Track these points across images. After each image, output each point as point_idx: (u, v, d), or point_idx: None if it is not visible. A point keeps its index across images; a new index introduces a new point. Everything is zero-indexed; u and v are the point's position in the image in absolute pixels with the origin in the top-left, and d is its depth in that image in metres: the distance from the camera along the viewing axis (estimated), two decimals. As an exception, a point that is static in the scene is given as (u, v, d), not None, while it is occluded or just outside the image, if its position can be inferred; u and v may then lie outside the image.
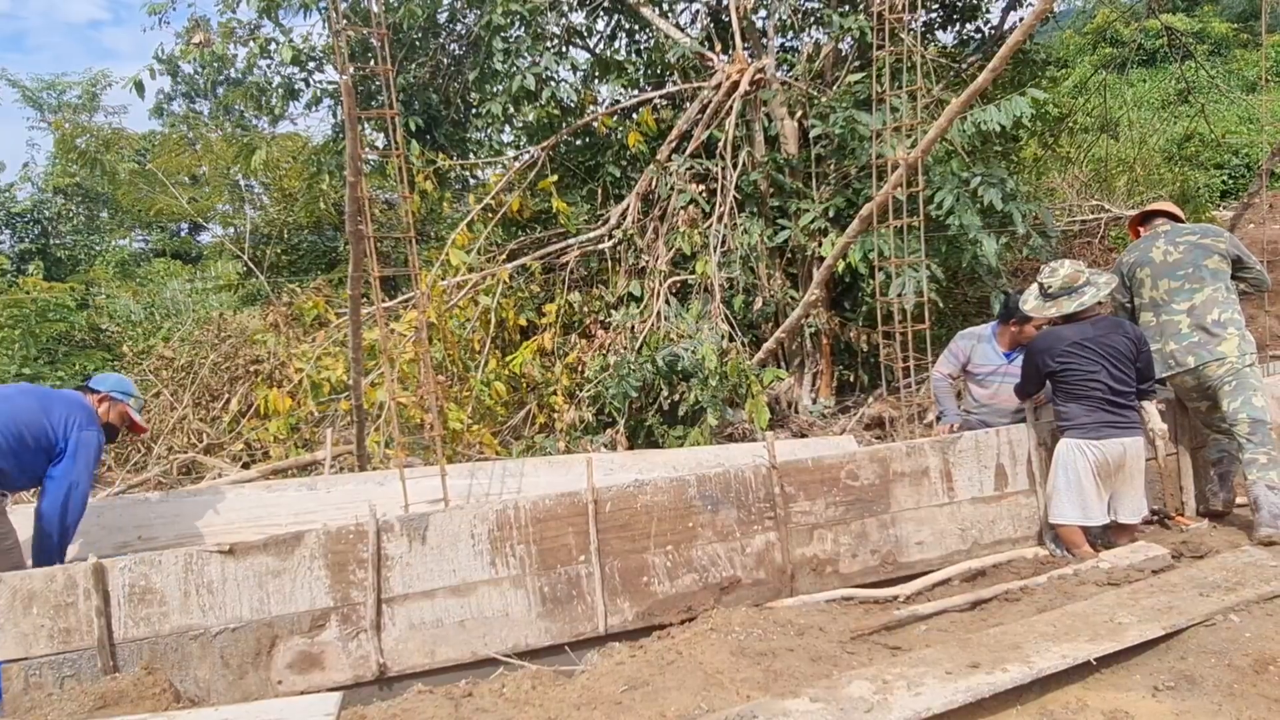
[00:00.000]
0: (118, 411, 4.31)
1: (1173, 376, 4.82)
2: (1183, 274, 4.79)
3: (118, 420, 4.33)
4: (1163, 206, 5.23)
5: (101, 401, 4.26)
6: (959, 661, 3.01)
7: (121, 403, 4.32)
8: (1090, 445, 4.38)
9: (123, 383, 4.40)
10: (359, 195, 4.26)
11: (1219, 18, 19.85)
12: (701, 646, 3.49)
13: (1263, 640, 3.11)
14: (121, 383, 4.39)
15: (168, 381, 8.97)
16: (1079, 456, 4.41)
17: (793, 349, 8.26)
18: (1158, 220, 5.13)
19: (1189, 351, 4.71)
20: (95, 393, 4.27)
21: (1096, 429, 4.38)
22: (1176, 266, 4.81)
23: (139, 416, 4.45)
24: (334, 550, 3.75)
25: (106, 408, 4.26)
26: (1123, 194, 13.78)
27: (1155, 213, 5.19)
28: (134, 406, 4.39)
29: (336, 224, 14.22)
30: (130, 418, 4.38)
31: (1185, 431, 5.15)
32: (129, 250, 20.16)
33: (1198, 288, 4.74)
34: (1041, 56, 10.82)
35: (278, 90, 9.23)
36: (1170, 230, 4.97)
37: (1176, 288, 4.79)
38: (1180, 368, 4.75)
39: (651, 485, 4.15)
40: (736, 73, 7.76)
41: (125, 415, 4.36)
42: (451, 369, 7.18)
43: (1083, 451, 4.40)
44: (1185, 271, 4.78)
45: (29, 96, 19.92)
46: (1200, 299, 4.72)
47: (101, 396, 4.27)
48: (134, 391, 4.41)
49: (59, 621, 3.43)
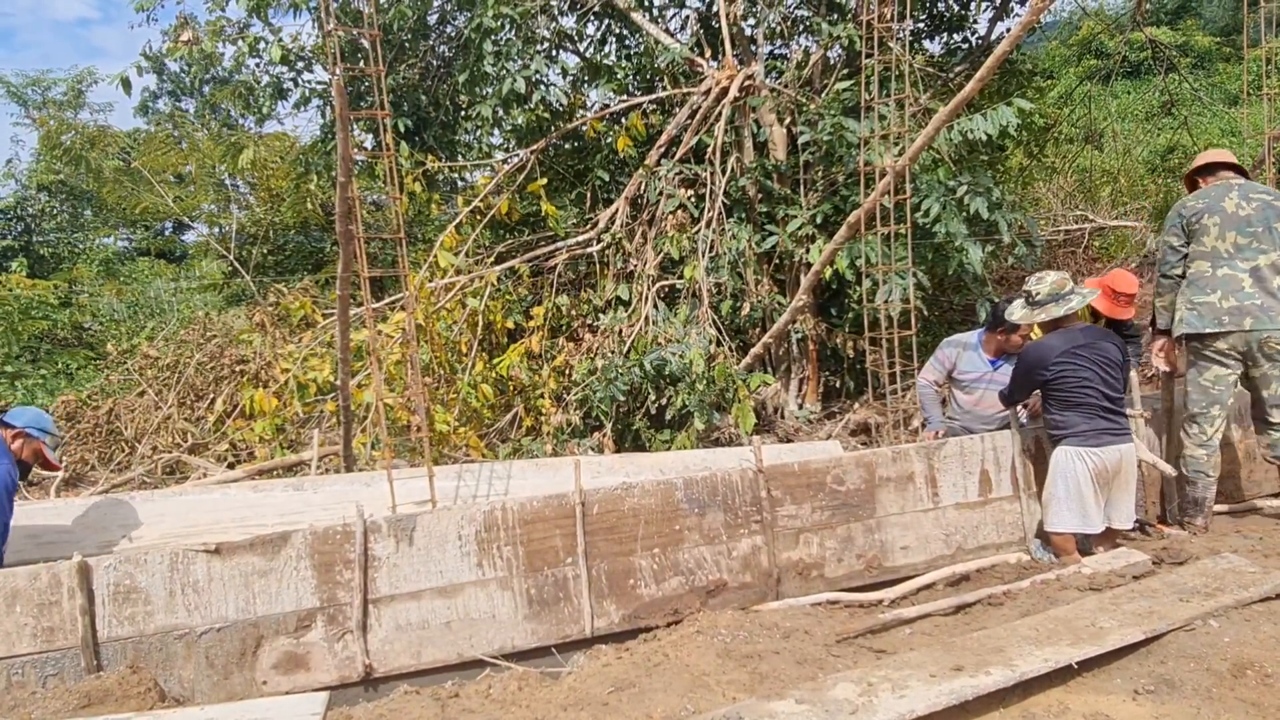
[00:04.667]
0: (31, 449, 4.13)
1: (1215, 334, 4.64)
2: (1252, 231, 4.59)
3: (30, 457, 4.14)
4: (1226, 157, 4.96)
5: (16, 437, 4.08)
6: (943, 664, 3.03)
7: (37, 440, 4.13)
8: (1090, 453, 4.39)
9: (40, 419, 4.21)
10: (349, 196, 4.26)
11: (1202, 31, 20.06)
12: (688, 649, 3.51)
13: (1241, 645, 3.16)
14: (39, 419, 4.21)
15: (152, 381, 8.92)
16: (1078, 464, 4.41)
17: (780, 354, 8.30)
18: (1224, 172, 4.86)
19: (1247, 313, 4.53)
20: (10, 427, 4.09)
21: (1096, 436, 4.39)
22: (1247, 222, 4.61)
23: (53, 455, 4.26)
24: (320, 551, 3.74)
25: (20, 444, 4.09)
26: (1107, 204, 13.90)
27: (1220, 164, 4.91)
28: (49, 445, 4.20)
29: (323, 224, 14.19)
30: (44, 456, 4.19)
31: (1169, 438, 5.21)
32: (113, 248, 19.98)
33: (1266, 249, 4.57)
34: (1028, 67, 10.94)
35: (266, 89, 9.18)
36: (1243, 185, 4.74)
37: (1245, 244, 4.59)
38: (1233, 327, 4.57)
39: (639, 488, 4.16)
40: (726, 79, 7.80)
41: (39, 454, 4.17)
42: (439, 371, 7.17)
43: (1082, 459, 4.40)
44: (1256, 229, 4.59)
45: (13, 92, 19.73)
46: (1266, 261, 4.56)
47: (16, 432, 4.09)
48: (52, 430, 4.23)
49: (42, 620, 3.41)
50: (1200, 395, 4.80)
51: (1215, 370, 4.74)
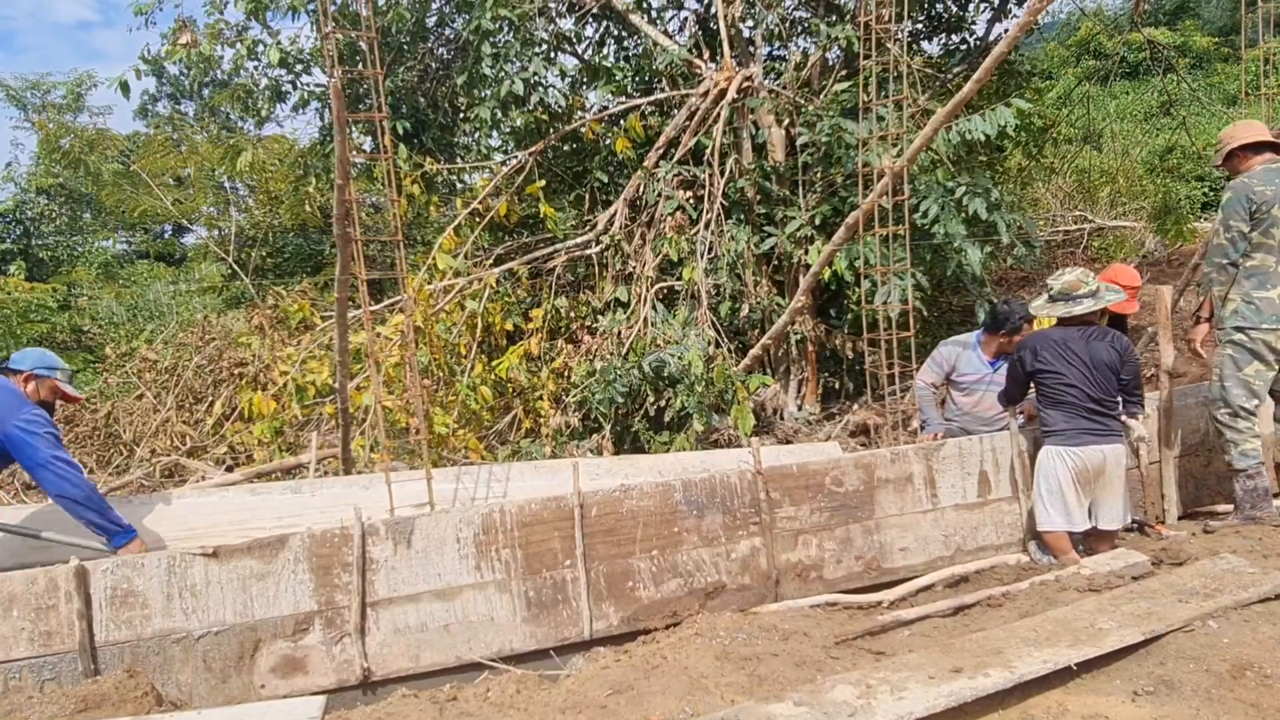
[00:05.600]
0: (47, 387, 4.05)
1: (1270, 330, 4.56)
2: None
3: (49, 395, 4.07)
4: (1270, 135, 4.77)
5: (27, 380, 3.99)
6: (942, 666, 3.03)
7: (49, 378, 4.05)
8: (1069, 452, 4.41)
9: (44, 357, 4.11)
10: (347, 199, 4.26)
11: (1200, 32, 20.10)
12: (686, 651, 3.50)
13: (1240, 646, 3.15)
14: (43, 357, 4.11)
15: (151, 384, 8.91)
16: (1058, 464, 4.44)
17: (779, 356, 8.30)
18: (1268, 153, 4.69)
19: None
20: (18, 373, 3.99)
21: (1076, 436, 4.41)
22: None
23: (70, 387, 4.18)
24: (318, 554, 3.73)
25: (34, 386, 3.99)
26: (1105, 205, 13.92)
27: (1266, 144, 4.73)
28: (62, 379, 4.11)
29: (322, 227, 14.19)
30: (61, 390, 4.12)
31: (1170, 439, 5.20)
32: (112, 251, 20.01)
33: None
34: (1026, 68, 10.94)
35: (264, 92, 9.19)
36: None
37: None
38: None
39: (637, 490, 4.15)
40: (724, 80, 7.80)
41: (56, 389, 4.09)
42: (437, 373, 7.17)
43: (1062, 459, 4.43)
44: None
45: (13, 96, 19.74)
46: None
47: (26, 376, 3.99)
48: (58, 364, 4.12)
49: (40, 624, 3.41)
50: (1242, 390, 4.66)
51: (1257, 365, 4.63)
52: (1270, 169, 4.62)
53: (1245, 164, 4.74)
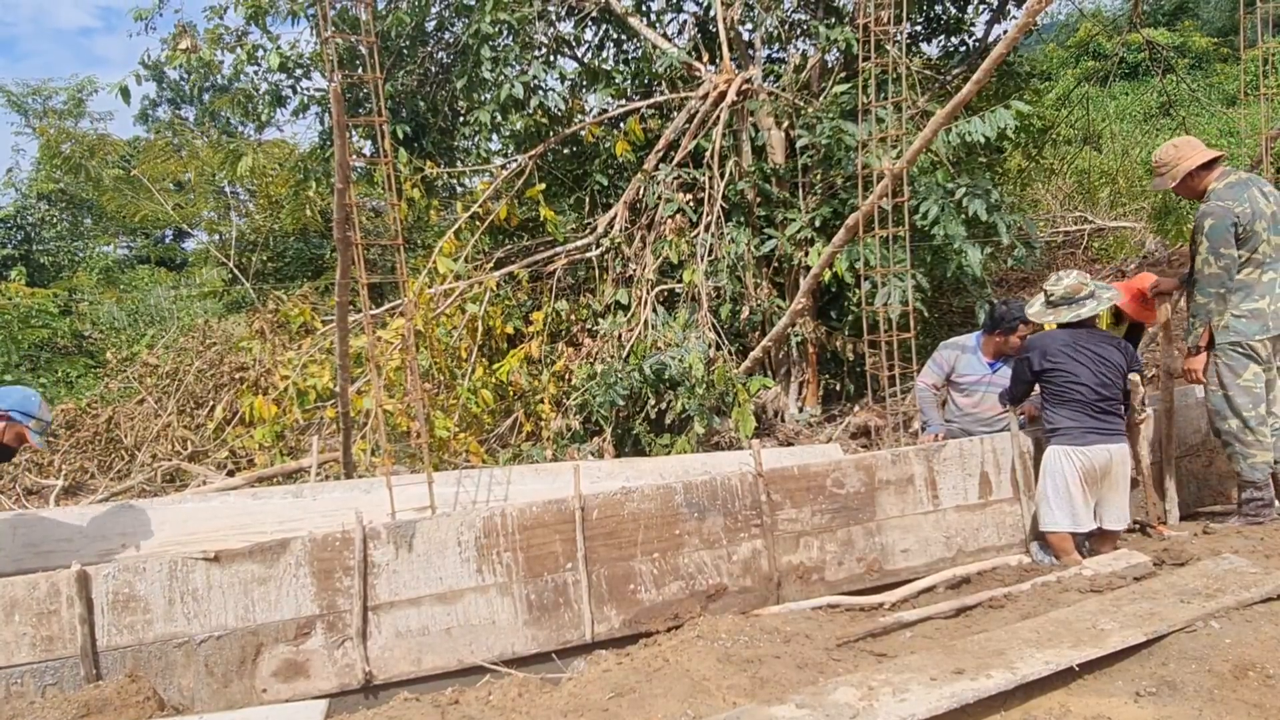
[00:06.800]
0: (14, 433, 3.94)
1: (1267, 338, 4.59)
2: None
3: (13, 441, 3.96)
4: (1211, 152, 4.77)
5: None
6: (944, 668, 3.02)
7: (19, 424, 3.93)
8: (1076, 452, 4.41)
9: (27, 401, 3.98)
10: (347, 203, 4.26)
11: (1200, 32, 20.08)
12: (688, 654, 3.50)
13: (1242, 646, 3.14)
14: (25, 401, 3.98)
15: (152, 389, 8.93)
16: (1065, 464, 4.44)
17: (779, 358, 8.29)
18: (1219, 167, 4.71)
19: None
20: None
21: (1082, 436, 4.41)
22: (1275, 220, 4.55)
23: (37, 439, 4.03)
24: (320, 558, 3.74)
25: (2, 427, 3.91)
26: (1105, 205, 13.91)
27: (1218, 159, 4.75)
28: (33, 429, 3.98)
29: (323, 231, 14.21)
30: (26, 440, 3.99)
31: (1169, 440, 5.20)
32: (113, 256, 20.04)
33: None
34: (1025, 69, 10.93)
35: (264, 97, 9.21)
36: (1246, 178, 4.63)
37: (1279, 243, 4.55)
38: (1277, 331, 4.55)
39: (638, 493, 4.15)
40: (724, 83, 7.80)
41: (22, 437, 3.97)
42: (438, 377, 7.17)
43: (1069, 458, 4.43)
44: None
45: (14, 102, 19.81)
46: None
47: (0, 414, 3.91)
48: (37, 413, 4.00)
49: (41, 629, 3.41)
50: (1246, 398, 4.65)
51: (1252, 367, 4.63)
52: (1234, 185, 4.61)
53: (1202, 183, 4.72)
